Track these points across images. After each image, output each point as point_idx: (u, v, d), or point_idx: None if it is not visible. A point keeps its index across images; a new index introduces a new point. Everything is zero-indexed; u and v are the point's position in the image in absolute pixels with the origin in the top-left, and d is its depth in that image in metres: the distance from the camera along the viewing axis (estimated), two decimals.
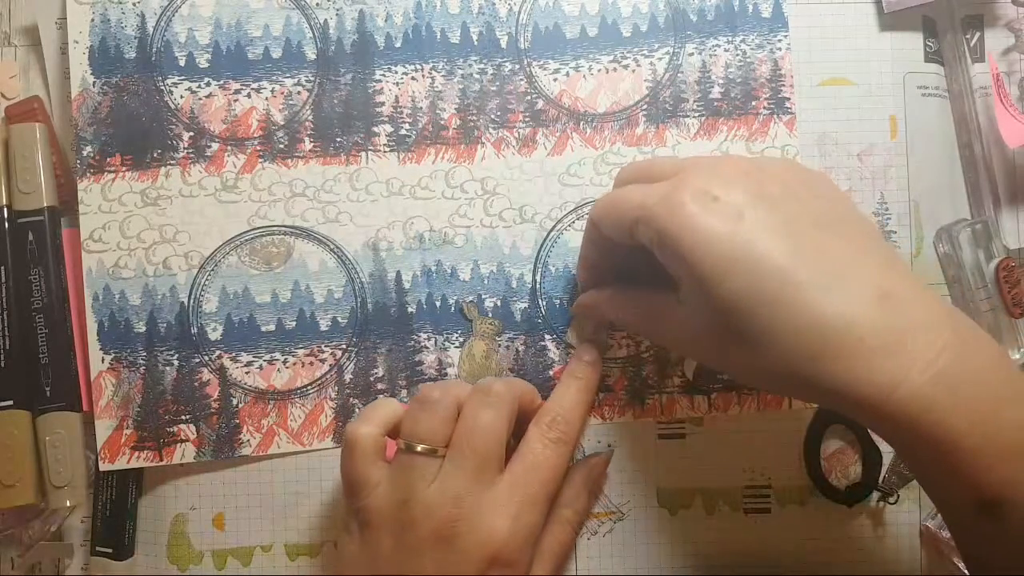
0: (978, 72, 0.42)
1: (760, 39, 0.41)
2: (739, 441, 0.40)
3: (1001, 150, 0.41)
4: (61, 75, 0.41)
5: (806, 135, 0.41)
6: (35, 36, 0.41)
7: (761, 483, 0.40)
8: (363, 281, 0.40)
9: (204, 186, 0.40)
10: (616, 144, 0.41)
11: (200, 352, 0.39)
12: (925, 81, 0.41)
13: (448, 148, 0.40)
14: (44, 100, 0.41)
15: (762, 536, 0.40)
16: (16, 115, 0.40)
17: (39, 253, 0.39)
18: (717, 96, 0.41)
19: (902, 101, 0.41)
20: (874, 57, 0.41)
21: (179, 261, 0.40)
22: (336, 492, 0.40)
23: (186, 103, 0.40)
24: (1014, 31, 0.42)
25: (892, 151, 0.41)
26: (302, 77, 0.40)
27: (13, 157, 0.39)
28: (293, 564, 0.40)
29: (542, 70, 0.41)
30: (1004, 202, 0.42)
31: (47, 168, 0.39)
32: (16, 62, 0.41)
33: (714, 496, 0.40)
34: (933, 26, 0.42)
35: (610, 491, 0.40)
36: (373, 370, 0.40)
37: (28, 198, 0.39)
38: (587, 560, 0.40)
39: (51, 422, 0.38)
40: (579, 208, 0.40)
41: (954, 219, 0.41)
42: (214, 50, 0.40)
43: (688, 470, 0.40)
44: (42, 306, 0.38)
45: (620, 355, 0.40)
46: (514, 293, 0.40)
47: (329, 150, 0.40)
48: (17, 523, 0.40)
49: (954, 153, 0.42)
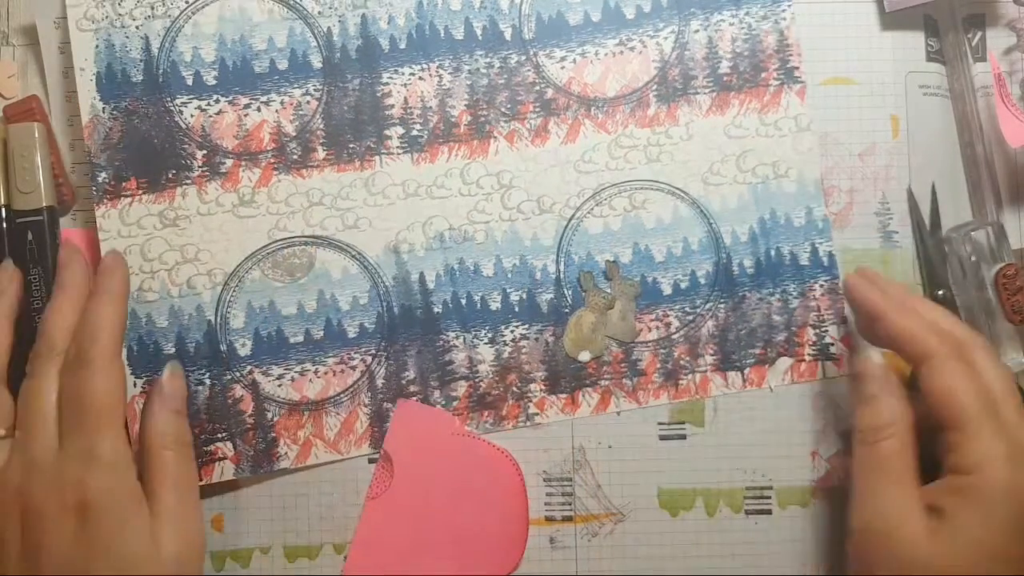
0: (980, 71, 0.42)
1: (764, 10, 0.41)
2: (740, 442, 0.40)
3: (1003, 149, 0.41)
4: (60, 74, 0.41)
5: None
6: (33, 35, 0.41)
7: (762, 484, 0.40)
8: (387, 285, 0.40)
9: (221, 203, 0.40)
10: (629, 127, 0.40)
11: (231, 369, 0.39)
12: (927, 80, 0.41)
13: (461, 145, 0.40)
14: (42, 99, 0.41)
15: (763, 538, 0.40)
16: (14, 115, 0.40)
17: (39, 253, 0.38)
18: (726, 71, 0.41)
19: (904, 100, 0.41)
20: (875, 56, 0.41)
21: (203, 280, 0.40)
22: (337, 494, 0.39)
23: (197, 121, 0.40)
24: (1015, 30, 0.42)
25: (893, 151, 0.41)
26: (310, 86, 0.40)
27: (12, 157, 0.39)
28: (292, 566, 0.40)
29: (549, 59, 0.41)
30: (1006, 202, 0.42)
31: (46, 168, 0.39)
32: (14, 62, 0.41)
33: (715, 497, 0.40)
34: (935, 25, 0.42)
35: (611, 492, 0.40)
36: (404, 373, 0.40)
37: (27, 198, 0.38)
38: (587, 561, 0.40)
39: None
40: (597, 194, 0.40)
41: (955, 219, 0.41)
42: (220, 66, 0.40)
43: (689, 471, 0.40)
44: (42, 306, 0.38)
45: (651, 338, 0.40)
46: (539, 285, 0.40)
47: (343, 157, 0.40)
48: None
49: (956, 152, 0.42)
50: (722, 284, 0.40)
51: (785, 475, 0.40)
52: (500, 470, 0.40)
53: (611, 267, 0.40)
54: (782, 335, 0.40)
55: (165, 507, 0.34)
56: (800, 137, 0.40)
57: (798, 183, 0.40)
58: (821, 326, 0.40)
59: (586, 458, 0.40)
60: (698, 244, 0.40)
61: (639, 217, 0.40)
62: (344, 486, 0.40)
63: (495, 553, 0.39)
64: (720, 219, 0.40)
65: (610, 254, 0.40)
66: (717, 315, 0.40)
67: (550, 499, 0.40)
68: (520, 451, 0.40)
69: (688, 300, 0.40)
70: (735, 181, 0.40)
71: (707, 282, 0.40)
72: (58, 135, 0.41)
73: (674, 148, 0.40)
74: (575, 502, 0.40)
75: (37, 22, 0.41)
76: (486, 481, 0.39)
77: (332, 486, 0.40)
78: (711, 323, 0.40)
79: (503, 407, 0.40)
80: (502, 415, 0.40)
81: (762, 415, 0.40)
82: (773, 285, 0.40)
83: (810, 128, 0.40)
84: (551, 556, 0.40)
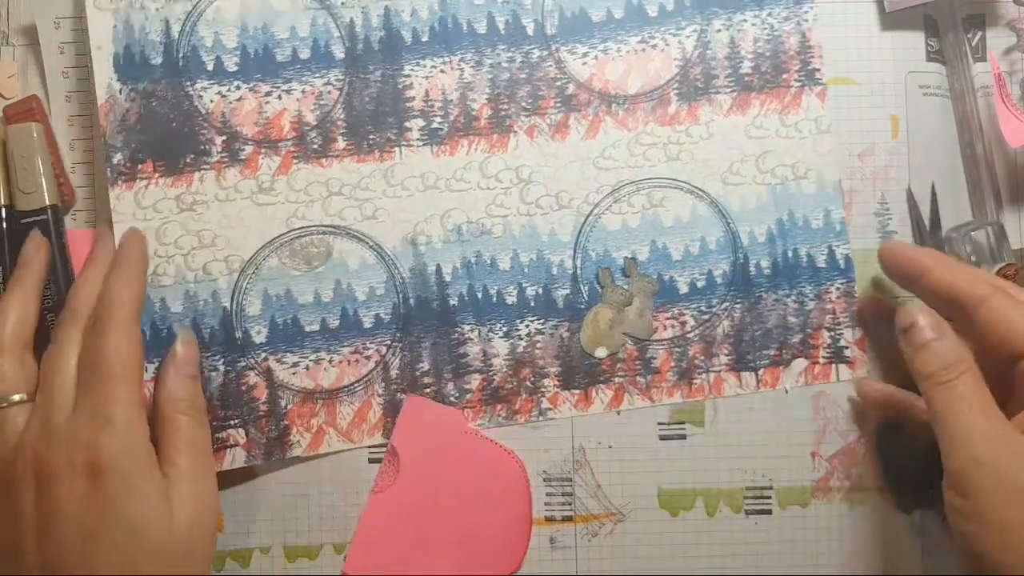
0: (980, 71, 0.42)
1: (787, 12, 0.41)
2: (740, 442, 0.40)
3: (1003, 150, 0.42)
4: (60, 74, 0.40)
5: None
6: (33, 35, 0.41)
7: (762, 484, 0.40)
8: (404, 276, 0.40)
9: (240, 189, 0.40)
10: (649, 124, 0.40)
11: (246, 355, 0.39)
12: (927, 80, 0.41)
13: (481, 138, 0.40)
14: (42, 99, 0.40)
15: (763, 538, 0.40)
16: (14, 115, 0.39)
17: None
18: (748, 71, 0.41)
19: (903, 101, 0.41)
20: (876, 56, 0.41)
21: (219, 266, 0.39)
22: (337, 494, 0.39)
23: (217, 107, 0.40)
24: (1015, 30, 0.42)
25: (893, 151, 0.41)
26: (331, 76, 0.40)
27: (12, 157, 0.38)
28: (292, 566, 0.39)
29: (571, 55, 0.41)
30: (1006, 202, 0.42)
31: (47, 167, 0.39)
32: (14, 62, 0.41)
33: (715, 497, 0.40)
34: (935, 25, 0.42)
35: (611, 492, 0.40)
36: (419, 364, 0.40)
37: (30, 198, 0.38)
38: (587, 562, 0.40)
39: None
40: (615, 191, 0.40)
41: (955, 219, 0.41)
42: (242, 53, 0.40)
43: (689, 471, 0.40)
44: (52, 305, 0.38)
45: (666, 336, 0.40)
46: (555, 280, 0.40)
47: (363, 147, 0.40)
48: None
49: (956, 153, 0.42)
50: (739, 284, 0.40)
51: (785, 475, 0.40)
52: (506, 471, 0.39)
53: (630, 264, 0.40)
54: (797, 337, 0.40)
55: (179, 471, 0.33)
56: (820, 139, 0.40)
57: (817, 185, 0.40)
58: (836, 329, 0.40)
59: (586, 458, 0.40)
60: (715, 243, 0.40)
61: (657, 215, 0.40)
62: (344, 486, 0.39)
63: (497, 554, 0.39)
64: (738, 219, 0.40)
65: (627, 251, 0.40)
66: (733, 315, 0.40)
67: (550, 499, 0.40)
68: (520, 451, 0.40)
69: (704, 299, 0.40)
70: (754, 181, 0.40)
71: (723, 282, 0.40)
72: (58, 135, 0.40)
73: (694, 147, 0.40)
74: (575, 502, 0.40)
75: (37, 22, 0.40)
76: (492, 481, 0.39)
77: (333, 486, 0.39)
78: (726, 323, 0.40)
79: (516, 401, 0.40)
80: (515, 409, 0.40)
81: (762, 415, 0.40)
82: (789, 287, 0.40)
83: (829, 130, 0.40)
84: (551, 556, 0.40)
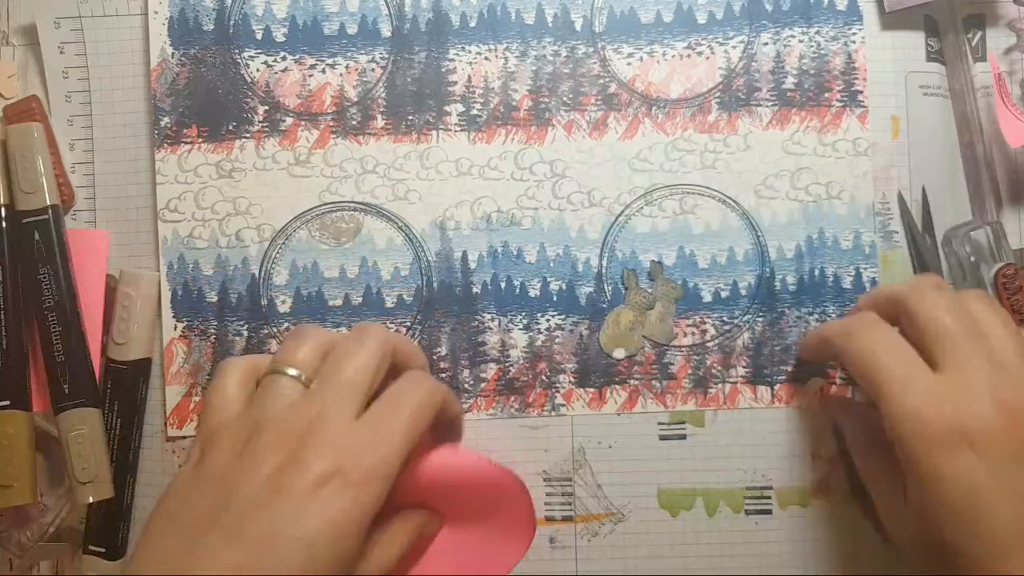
0: (980, 71, 0.42)
1: (835, 31, 0.41)
2: (740, 442, 0.40)
3: (1003, 149, 0.41)
4: (60, 74, 0.41)
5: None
6: (33, 35, 0.41)
7: (762, 484, 0.40)
8: (429, 260, 0.40)
9: (277, 160, 0.40)
10: (688, 130, 0.40)
11: (269, 323, 0.40)
12: (927, 80, 0.41)
13: (519, 129, 0.41)
14: (42, 99, 0.41)
15: (763, 538, 0.40)
16: (14, 115, 0.40)
17: (46, 252, 0.38)
18: (791, 87, 0.41)
19: (904, 100, 0.41)
20: (876, 56, 0.41)
21: (251, 234, 0.40)
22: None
23: (262, 77, 0.40)
24: (1015, 30, 0.42)
25: (893, 151, 0.40)
26: (376, 54, 0.41)
27: (12, 157, 0.39)
28: None
29: (616, 54, 0.41)
30: (1006, 202, 0.41)
31: (47, 167, 0.39)
32: (14, 62, 0.41)
33: (715, 497, 0.40)
34: (935, 25, 0.41)
35: (611, 492, 0.40)
36: (436, 348, 0.40)
37: (30, 198, 0.38)
38: (587, 562, 0.40)
39: (72, 419, 0.38)
40: (648, 194, 0.40)
41: (955, 219, 0.41)
42: (291, 24, 0.40)
43: (689, 471, 0.40)
44: (54, 304, 0.38)
45: (685, 343, 0.40)
46: (579, 277, 0.40)
47: (400, 128, 0.40)
48: (14, 524, 0.40)
49: (956, 153, 0.42)
50: (763, 298, 0.40)
51: (785, 475, 0.40)
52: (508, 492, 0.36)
53: (655, 267, 0.40)
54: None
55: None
56: (857, 161, 0.40)
57: (850, 206, 0.40)
58: None
59: (586, 458, 0.40)
60: (743, 255, 0.40)
61: (688, 221, 0.40)
62: None
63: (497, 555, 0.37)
64: (768, 233, 0.40)
65: (655, 254, 0.40)
66: (754, 328, 0.40)
67: (550, 499, 0.40)
68: (520, 451, 0.40)
69: (727, 310, 0.40)
70: (787, 197, 0.40)
71: (748, 294, 0.40)
72: (58, 135, 0.40)
73: (730, 157, 0.40)
74: (575, 502, 0.40)
75: (37, 22, 0.41)
76: (491, 503, 0.36)
77: None
78: (747, 335, 0.40)
79: (530, 394, 0.40)
80: (528, 402, 0.40)
81: (762, 415, 0.40)
82: (813, 305, 0.40)
83: (867, 153, 0.40)
84: (551, 556, 0.40)
